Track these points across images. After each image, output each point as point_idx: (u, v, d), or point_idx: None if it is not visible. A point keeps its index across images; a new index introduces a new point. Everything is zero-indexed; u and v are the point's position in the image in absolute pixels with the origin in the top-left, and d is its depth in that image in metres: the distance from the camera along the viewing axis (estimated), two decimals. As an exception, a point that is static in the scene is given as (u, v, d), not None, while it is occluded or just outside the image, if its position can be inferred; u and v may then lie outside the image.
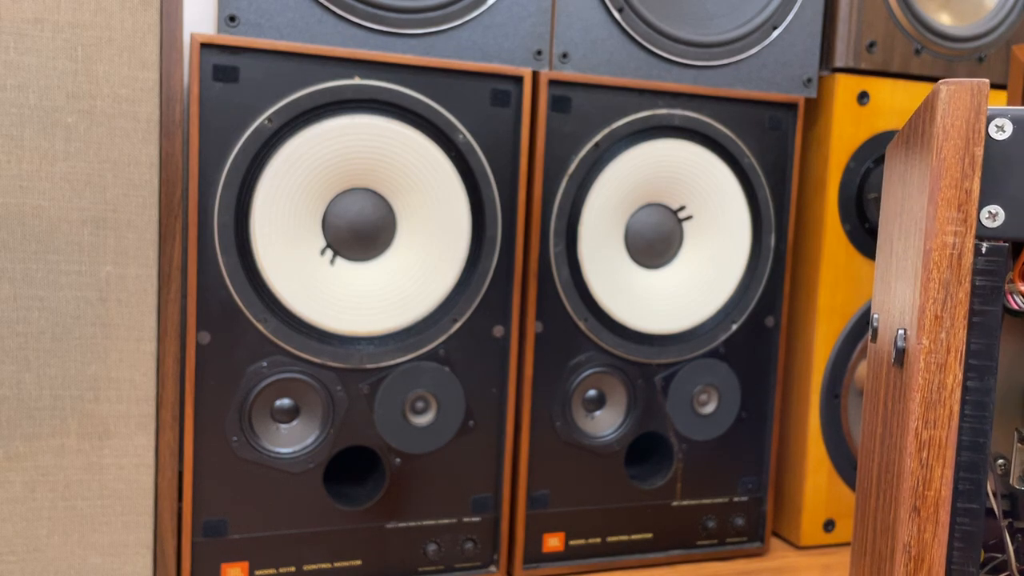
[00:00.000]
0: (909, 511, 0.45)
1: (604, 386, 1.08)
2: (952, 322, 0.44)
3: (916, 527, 0.45)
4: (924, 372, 0.44)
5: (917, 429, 0.45)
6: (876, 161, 1.16)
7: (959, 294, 0.44)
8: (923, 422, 0.45)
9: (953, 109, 0.43)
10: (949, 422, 0.44)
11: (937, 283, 0.44)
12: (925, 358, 0.44)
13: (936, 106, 0.44)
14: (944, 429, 0.44)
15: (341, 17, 0.93)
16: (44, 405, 0.83)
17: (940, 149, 0.43)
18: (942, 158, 0.43)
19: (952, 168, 0.43)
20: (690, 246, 1.10)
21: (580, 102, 1.01)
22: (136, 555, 0.88)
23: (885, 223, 0.64)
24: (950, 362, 0.44)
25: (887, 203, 0.65)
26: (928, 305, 0.44)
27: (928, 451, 0.45)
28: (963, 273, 0.43)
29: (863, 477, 0.67)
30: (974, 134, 0.43)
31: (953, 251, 0.43)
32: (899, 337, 0.48)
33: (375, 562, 1.00)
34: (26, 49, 0.80)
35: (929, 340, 0.44)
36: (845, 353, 1.17)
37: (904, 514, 0.45)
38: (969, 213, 0.43)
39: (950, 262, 0.44)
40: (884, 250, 0.64)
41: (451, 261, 0.98)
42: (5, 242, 0.81)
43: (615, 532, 1.09)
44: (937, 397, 0.44)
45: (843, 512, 1.20)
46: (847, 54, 1.13)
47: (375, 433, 0.98)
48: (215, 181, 0.89)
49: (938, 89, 0.44)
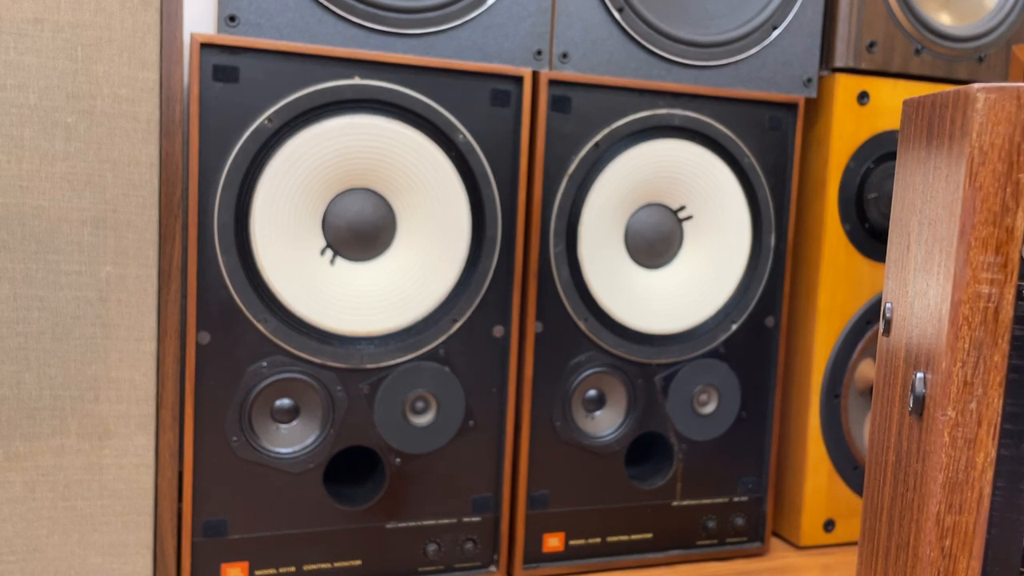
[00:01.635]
0: None
1: (604, 386, 1.08)
2: (984, 390, 0.35)
3: None
4: (949, 449, 0.36)
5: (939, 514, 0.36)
6: (876, 161, 1.16)
7: (994, 356, 0.35)
8: (946, 506, 0.36)
9: (993, 124, 0.33)
10: (978, 507, 0.36)
11: (967, 343, 0.35)
12: (951, 432, 0.36)
13: (970, 117, 0.34)
14: (972, 515, 0.36)
15: (341, 17, 0.93)
16: (44, 405, 0.83)
17: (975, 175, 0.34)
18: (977, 186, 0.34)
19: (990, 199, 0.34)
20: (690, 246, 1.10)
21: (580, 102, 1.01)
22: (136, 555, 0.88)
23: (901, 211, 0.56)
24: (981, 437, 0.35)
25: (903, 189, 0.56)
26: (956, 369, 0.35)
27: (952, 539, 0.36)
28: (1000, 331, 0.34)
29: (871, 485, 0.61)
30: (1020, 156, 0.33)
31: (989, 304, 0.34)
32: (918, 382, 0.39)
33: (375, 562, 1.00)
34: (26, 49, 0.80)
35: (956, 412, 0.36)
36: (845, 353, 1.17)
37: None
38: (1010, 257, 0.34)
39: (984, 317, 0.34)
40: (899, 241, 0.56)
41: (451, 261, 0.98)
42: (5, 242, 0.81)
43: (615, 532, 1.09)
44: (964, 478, 0.36)
45: (843, 512, 1.20)
46: (847, 54, 1.13)
47: (375, 433, 0.98)
48: (215, 181, 0.89)
49: (973, 96, 0.34)
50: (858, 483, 1.20)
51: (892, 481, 0.51)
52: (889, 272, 0.59)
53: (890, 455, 0.53)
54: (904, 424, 0.46)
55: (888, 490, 0.52)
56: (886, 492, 0.53)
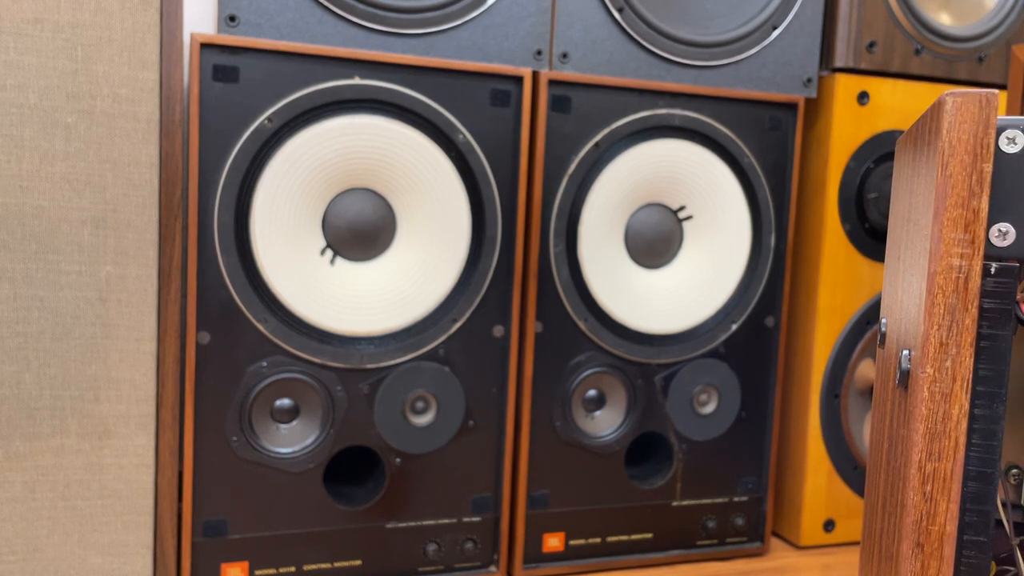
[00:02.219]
0: (912, 546, 0.43)
1: (604, 386, 1.08)
2: (958, 350, 0.41)
3: (920, 563, 0.43)
4: (928, 402, 0.42)
5: (920, 461, 0.43)
6: (876, 161, 1.16)
7: (965, 320, 0.41)
8: (927, 454, 0.42)
9: (960, 122, 0.40)
10: (954, 455, 0.42)
11: (942, 308, 0.41)
12: (929, 387, 0.42)
13: (941, 118, 0.41)
14: (949, 462, 0.42)
15: (341, 17, 0.93)
16: (44, 405, 0.83)
17: (946, 165, 0.41)
18: (948, 175, 0.41)
19: (959, 186, 0.41)
20: (690, 246, 1.10)
21: (580, 102, 1.01)
22: (136, 555, 0.88)
23: (894, 227, 0.62)
24: (956, 391, 0.42)
25: (896, 205, 0.63)
26: (932, 332, 0.42)
27: (932, 484, 0.43)
28: (970, 298, 0.41)
29: (871, 490, 0.65)
30: (982, 149, 0.40)
31: (959, 275, 0.41)
32: (903, 358, 0.46)
33: (375, 562, 1.00)
34: (26, 49, 0.80)
35: (933, 368, 0.42)
36: (845, 353, 1.17)
37: (907, 549, 0.43)
38: (977, 234, 0.41)
39: (956, 286, 0.41)
40: (892, 255, 0.62)
41: (451, 261, 0.98)
42: (5, 242, 0.81)
43: (615, 532, 1.09)
44: (942, 428, 0.42)
45: (843, 512, 1.20)
46: (847, 54, 1.13)
47: (375, 433, 0.98)
48: (215, 181, 0.89)
49: (943, 100, 0.41)
50: (858, 483, 1.20)
51: (885, 467, 0.55)
52: (885, 289, 0.64)
53: (884, 446, 0.56)
54: (894, 408, 0.51)
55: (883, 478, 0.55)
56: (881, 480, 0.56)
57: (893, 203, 0.65)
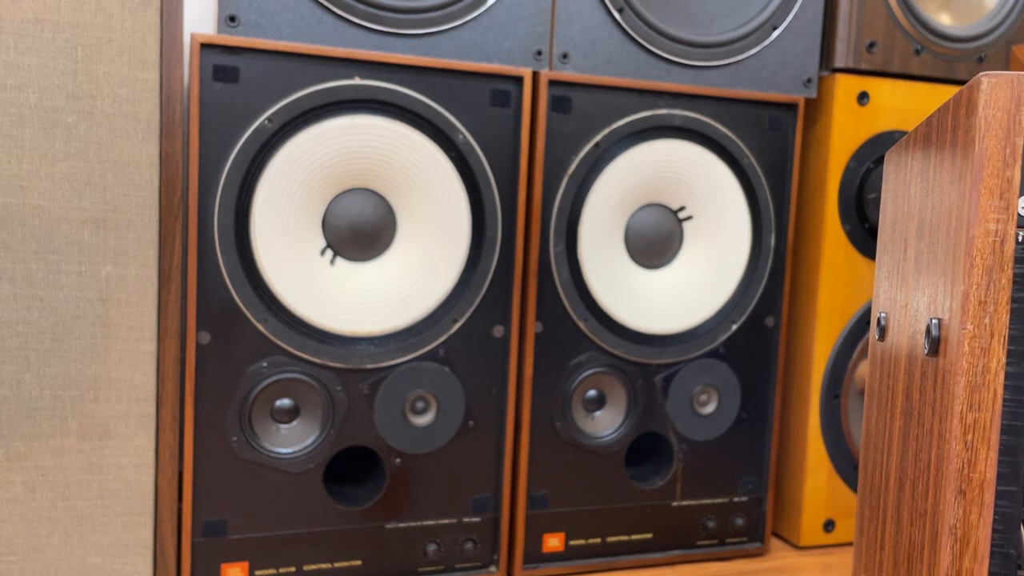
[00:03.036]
0: (955, 493, 0.46)
1: (604, 386, 1.08)
2: (995, 307, 0.45)
3: (962, 509, 0.46)
4: (969, 356, 0.45)
5: (962, 412, 0.45)
6: (876, 161, 1.16)
7: (1002, 280, 0.45)
8: (968, 405, 0.45)
9: (994, 100, 0.44)
10: (993, 404, 0.45)
11: (980, 269, 0.45)
12: (970, 343, 0.45)
13: (978, 97, 0.45)
14: (988, 412, 0.45)
15: (341, 17, 0.93)
16: (44, 405, 0.83)
17: (983, 138, 0.44)
18: (985, 147, 0.44)
19: (994, 157, 0.44)
20: (690, 246, 1.10)
21: (580, 102, 1.01)
22: (136, 555, 0.88)
23: (893, 223, 0.65)
24: (994, 346, 0.45)
25: (894, 204, 0.65)
26: (972, 291, 0.45)
27: (973, 434, 0.45)
28: (1005, 259, 0.45)
29: (872, 473, 0.67)
30: (1015, 124, 0.44)
31: (996, 238, 0.45)
32: (933, 327, 0.49)
33: (375, 562, 1.00)
34: (26, 49, 0.80)
35: (973, 325, 0.45)
36: (845, 353, 1.17)
37: (950, 496, 0.46)
38: (1011, 201, 0.44)
39: (993, 248, 0.45)
40: (893, 250, 0.65)
41: (451, 261, 0.98)
42: (5, 242, 0.81)
43: (615, 532, 1.09)
44: (982, 380, 0.45)
45: (843, 512, 1.20)
46: (847, 54, 1.13)
47: (375, 433, 0.98)
48: (215, 181, 0.90)
49: (979, 80, 0.45)
50: (858, 483, 1.20)
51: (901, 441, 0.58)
52: (881, 287, 0.67)
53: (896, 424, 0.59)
54: (914, 381, 0.54)
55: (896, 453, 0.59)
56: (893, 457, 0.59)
57: (888, 203, 0.68)
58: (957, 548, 0.46)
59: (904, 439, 0.56)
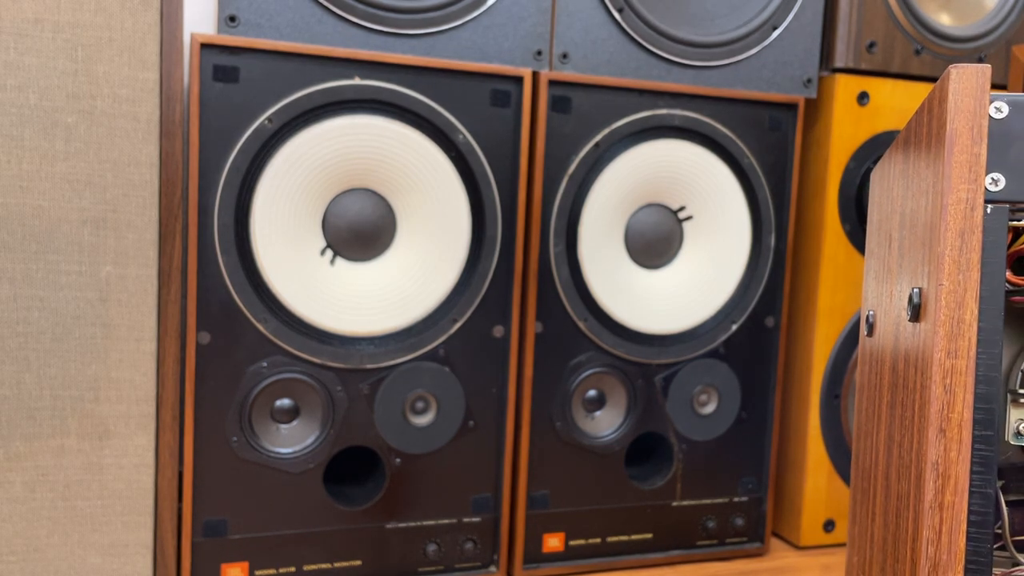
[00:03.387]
0: (936, 432, 0.50)
1: (604, 386, 1.08)
2: (968, 265, 0.50)
3: (943, 446, 0.50)
4: (945, 309, 0.50)
5: (941, 360, 0.50)
6: (876, 161, 1.16)
7: (972, 241, 0.50)
8: (946, 353, 0.50)
9: (963, 88, 0.50)
10: (968, 352, 0.50)
11: (954, 232, 0.50)
12: (946, 297, 0.50)
13: (947, 86, 0.50)
14: (964, 359, 0.50)
15: (341, 17, 0.93)
16: (44, 405, 0.83)
17: (953, 120, 0.50)
18: (955, 127, 0.50)
19: (963, 136, 0.50)
20: (690, 246, 1.10)
21: (580, 102, 1.01)
22: (136, 555, 0.88)
23: (879, 227, 0.69)
24: (967, 300, 0.50)
25: (879, 211, 0.69)
26: (947, 252, 0.50)
27: (951, 378, 0.50)
28: (975, 223, 0.50)
29: (863, 459, 0.70)
30: (980, 107, 0.50)
31: (967, 205, 0.50)
32: (914, 295, 0.54)
33: (375, 562, 1.00)
34: (26, 49, 0.80)
35: (949, 281, 0.50)
36: (845, 353, 1.17)
37: (932, 435, 0.50)
38: (979, 173, 0.50)
39: (964, 213, 0.50)
40: (879, 250, 0.69)
41: (451, 261, 0.98)
42: (5, 242, 0.81)
43: (615, 532, 1.09)
44: (958, 330, 0.50)
45: (843, 512, 1.20)
46: (847, 54, 1.13)
47: (375, 433, 0.98)
48: (215, 181, 0.90)
49: (948, 72, 0.50)
50: (858, 483, 1.20)
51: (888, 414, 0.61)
52: (868, 287, 0.71)
53: (884, 399, 0.63)
54: (900, 353, 0.58)
55: (884, 429, 0.62)
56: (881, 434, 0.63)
57: (874, 210, 0.72)
58: (939, 483, 0.50)
59: (891, 410, 0.60)
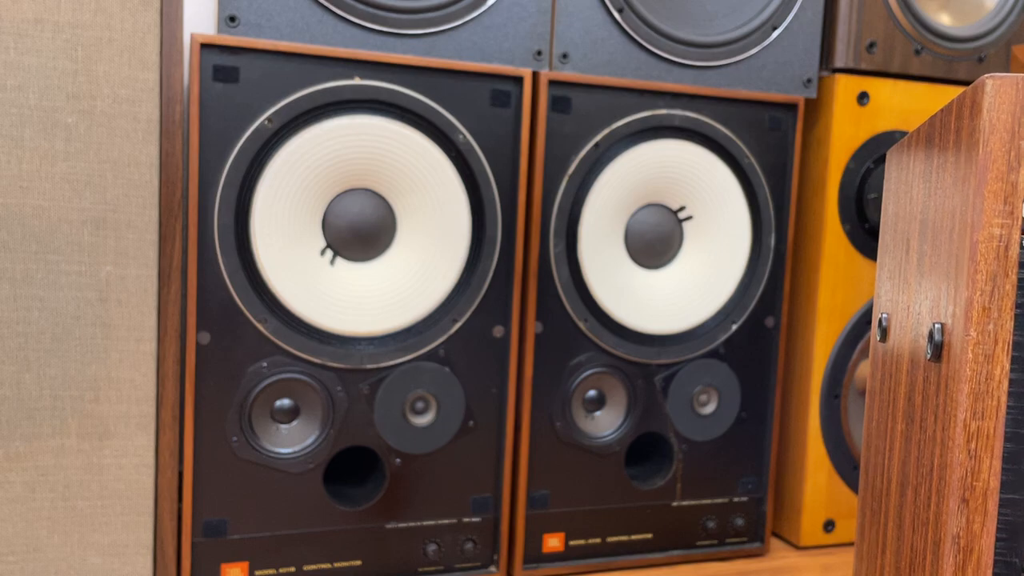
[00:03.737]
0: (958, 502, 0.45)
1: (604, 386, 1.08)
2: (999, 313, 0.44)
3: (965, 518, 0.45)
4: (972, 363, 0.44)
5: (966, 420, 0.45)
6: (876, 161, 1.16)
7: (1006, 286, 0.44)
8: (971, 413, 0.45)
9: (999, 103, 0.43)
10: (997, 412, 0.45)
11: (985, 275, 0.44)
12: (973, 349, 0.44)
13: (982, 100, 0.44)
14: (992, 420, 0.45)
15: (341, 17, 0.93)
16: (44, 405, 0.83)
17: (987, 141, 0.43)
18: (988, 151, 0.43)
19: (999, 161, 0.44)
20: (690, 246, 1.10)
21: (580, 102, 1.01)
22: (136, 555, 0.88)
23: (895, 223, 0.65)
24: (998, 353, 0.44)
25: (895, 204, 0.65)
26: (976, 297, 0.44)
27: (977, 442, 0.45)
28: (1010, 265, 0.44)
29: (873, 476, 0.67)
30: (1019, 127, 0.44)
31: (1000, 243, 0.44)
32: (935, 331, 0.48)
33: (375, 562, 1.00)
34: (26, 49, 0.80)
35: (977, 332, 0.44)
36: (845, 353, 1.17)
37: (953, 505, 0.45)
38: (1015, 206, 0.44)
39: (997, 254, 0.44)
40: (895, 250, 0.65)
41: (451, 261, 0.98)
42: (5, 242, 0.81)
43: (615, 532, 1.09)
44: (985, 388, 0.45)
45: (843, 512, 1.20)
46: (847, 54, 1.13)
47: (375, 433, 0.98)
48: (215, 181, 0.90)
49: (984, 83, 0.44)
50: (858, 483, 1.20)
51: (903, 446, 0.57)
52: (883, 287, 0.67)
53: (898, 428, 0.59)
54: (916, 385, 0.54)
55: (898, 457, 0.58)
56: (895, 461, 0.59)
57: (890, 203, 0.68)
58: (960, 558, 0.46)
59: (906, 443, 0.56)
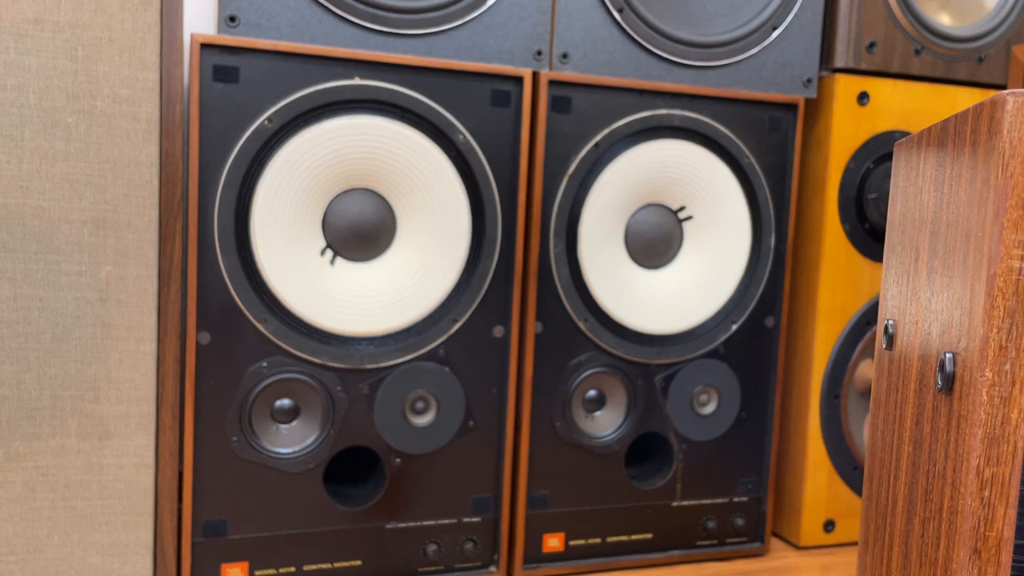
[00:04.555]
0: (970, 553, 0.43)
1: (604, 386, 1.08)
2: (1017, 353, 0.41)
3: (977, 570, 0.43)
4: (987, 406, 0.42)
5: (979, 467, 0.42)
6: (876, 161, 1.16)
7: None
8: (985, 459, 0.42)
9: (1020, 123, 0.40)
10: (1013, 459, 0.42)
11: (1002, 311, 0.41)
12: (988, 391, 0.42)
13: (1002, 119, 0.40)
14: (1008, 466, 0.42)
15: (341, 17, 0.93)
16: (44, 405, 0.83)
17: (1006, 165, 0.40)
18: (1008, 175, 0.40)
19: (1019, 187, 0.40)
20: (690, 246, 1.10)
21: (580, 102, 1.01)
22: (136, 555, 0.88)
23: (903, 225, 0.62)
24: (1015, 395, 0.41)
25: (904, 204, 0.62)
26: (992, 335, 0.41)
27: (991, 490, 0.42)
28: None
29: (877, 490, 0.64)
30: None
31: (1020, 276, 0.41)
32: (947, 361, 0.45)
33: (375, 562, 1.00)
34: (26, 49, 0.80)
35: (993, 372, 0.41)
36: (845, 353, 1.17)
37: (964, 556, 0.43)
38: None
39: (1016, 289, 0.41)
40: (903, 255, 0.62)
41: (451, 261, 0.98)
42: (5, 242, 0.81)
43: (615, 532, 1.09)
44: (1001, 433, 0.42)
45: (843, 512, 1.20)
46: (847, 54, 1.13)
47: (375, 433, 0.98)
48: (215, 181, 0.90)
49: (1003, 100, 0.40)
50: (858, 483, 1.20)
51: (910, 469, 0.54)
52: (889, 291, 0.64)
53: (904, 448, 0.56)
54: (925, 411, 0.50)
55: (904, 480, 0.56)
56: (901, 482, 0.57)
57: (899, 202, 0.65)
58: None
59: (913, 468, 0.53)
